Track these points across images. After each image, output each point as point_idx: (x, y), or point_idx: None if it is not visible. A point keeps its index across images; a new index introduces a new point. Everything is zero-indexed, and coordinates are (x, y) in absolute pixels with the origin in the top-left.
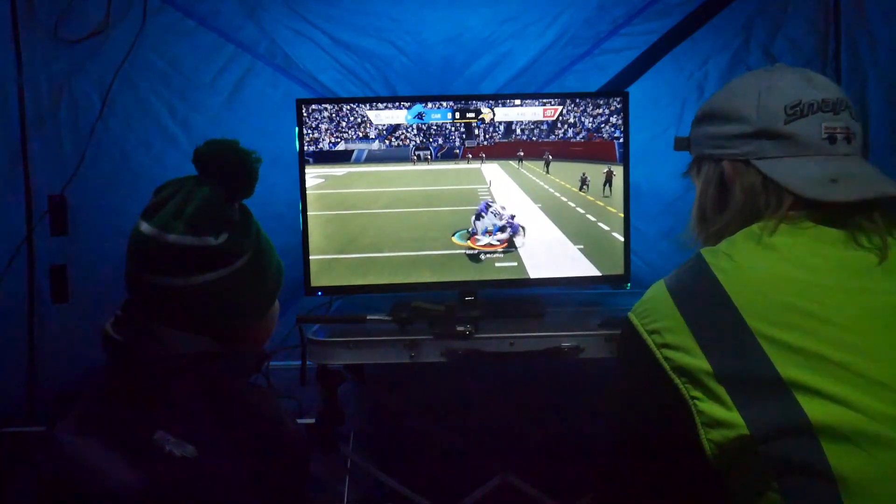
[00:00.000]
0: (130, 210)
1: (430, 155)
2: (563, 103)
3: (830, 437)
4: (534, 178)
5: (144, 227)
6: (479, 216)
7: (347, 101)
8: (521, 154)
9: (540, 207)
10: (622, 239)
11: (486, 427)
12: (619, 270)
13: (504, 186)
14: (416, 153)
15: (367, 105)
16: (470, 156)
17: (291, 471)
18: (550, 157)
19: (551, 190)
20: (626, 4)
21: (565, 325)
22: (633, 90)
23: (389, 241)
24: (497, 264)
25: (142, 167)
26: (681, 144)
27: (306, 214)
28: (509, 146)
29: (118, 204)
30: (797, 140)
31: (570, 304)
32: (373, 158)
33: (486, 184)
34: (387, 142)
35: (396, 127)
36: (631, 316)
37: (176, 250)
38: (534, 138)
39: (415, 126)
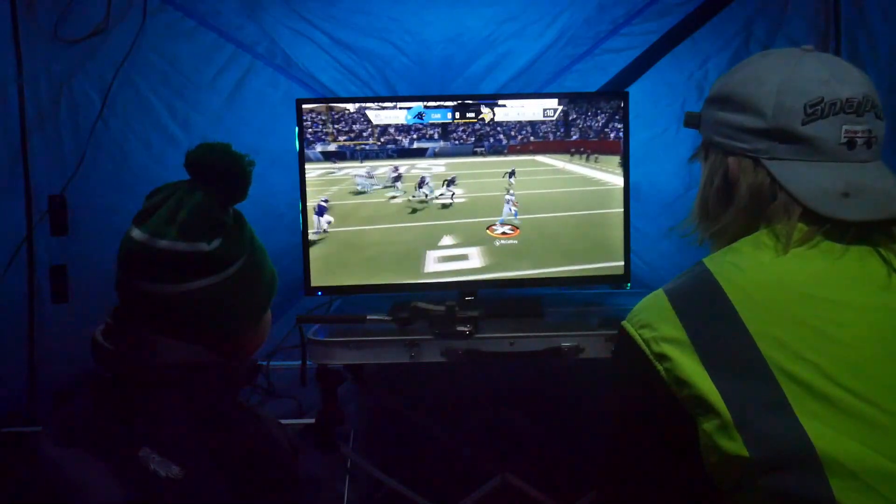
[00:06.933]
0: (130, 210)
1: None
2: (563, 103)
3: (839, 473)
4: None
5: (136, 232)
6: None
7: (347, 100)
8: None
9: None
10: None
11: (486, 427)
12: (619, 270)
13: None
14: None
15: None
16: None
17: (281, 493)
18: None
19: None
20: (626, 4)
21: (565, 325)
22: (633, 90)
23: None
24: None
25: (142, 167)
26: (691, 121)
27: (306, 214)
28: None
29: (118, 204)
30: (813, 144)
31: (570, 304)
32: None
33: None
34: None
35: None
36: (626, 325)
37: (168, 256)
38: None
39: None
